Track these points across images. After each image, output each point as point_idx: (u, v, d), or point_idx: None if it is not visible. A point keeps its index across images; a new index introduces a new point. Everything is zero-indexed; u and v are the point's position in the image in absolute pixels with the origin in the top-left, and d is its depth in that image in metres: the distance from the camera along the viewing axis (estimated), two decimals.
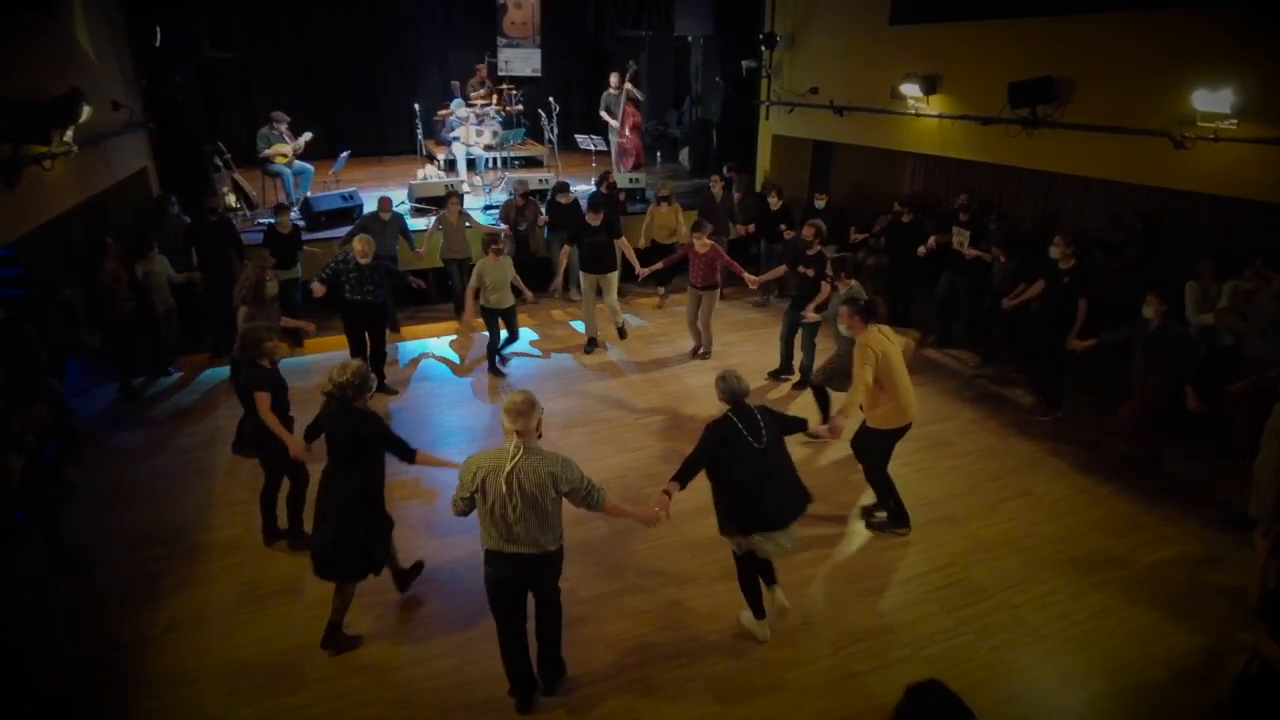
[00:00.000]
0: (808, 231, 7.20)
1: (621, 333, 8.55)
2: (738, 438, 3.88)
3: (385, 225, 8.19)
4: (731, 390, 3.97)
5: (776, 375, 7.66)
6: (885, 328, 4.99)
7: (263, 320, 5.67)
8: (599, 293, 8.22)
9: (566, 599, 3.84)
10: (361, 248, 6.77)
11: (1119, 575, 4.87)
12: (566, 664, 4.00)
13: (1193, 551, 5.09)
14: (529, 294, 7.68)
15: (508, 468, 3.27)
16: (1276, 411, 4.52)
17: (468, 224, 8.95)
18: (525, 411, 3.30)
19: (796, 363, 7.45)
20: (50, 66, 5.86)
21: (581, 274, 8.20)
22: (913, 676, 4.03)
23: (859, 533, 5.31)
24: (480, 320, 7.61)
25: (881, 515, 5.35)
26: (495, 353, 7.79)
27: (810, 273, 7.04)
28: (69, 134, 5.44)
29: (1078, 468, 6.04)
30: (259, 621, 4.47)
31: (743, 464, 3.87)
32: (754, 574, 4.17)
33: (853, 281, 6.27)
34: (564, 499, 3.44)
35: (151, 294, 7.37)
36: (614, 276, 8.18)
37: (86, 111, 5.41)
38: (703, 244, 7.60)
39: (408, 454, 4.16)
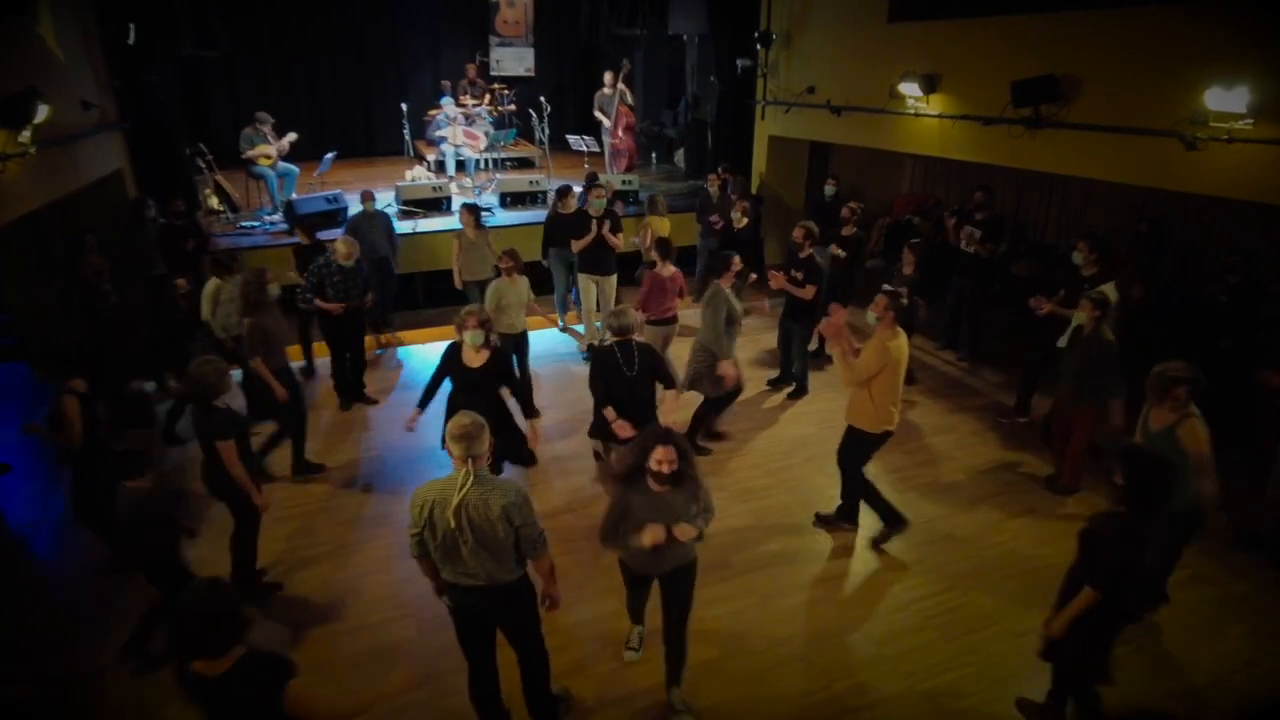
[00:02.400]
0: (797, 233, 6.85)
1: None
2: (615, 365, 4.89)
3: (372, 220, 7.86)
4: (618, 326, 4.92)
5: (777, 384, 7.41)
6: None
7: (274, 327, 5.39)
8: (598, 295, 7.77)
9: (547, 624, 3.55)
10: (345, 250, 6.51)
11: None
12: (564, 705, 3.75)
13: (1206, 573, 4.84)
14: (539, 311, 7.06)
15: (455, 500, 2.95)
16: None
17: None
18: (475, 435, 2.97)
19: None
20: (13, 66, 5.60)
21: (580, 276, 7.78)
22: (911, 713, 3.86)
23: (857, 554, 5.07)
24: None
25: (831, 512, 5.31)
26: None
27: (800, 275, 6.74)
28: (25, 134, 5.19)
29: (1083, 484, 5.77)
30: None
31: (615, 386, 4.90)
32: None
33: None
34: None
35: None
36: (614, 280, 7.77)
37: (44, 111, 5.17)
38: (667, 267, 6.62)
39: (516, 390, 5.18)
